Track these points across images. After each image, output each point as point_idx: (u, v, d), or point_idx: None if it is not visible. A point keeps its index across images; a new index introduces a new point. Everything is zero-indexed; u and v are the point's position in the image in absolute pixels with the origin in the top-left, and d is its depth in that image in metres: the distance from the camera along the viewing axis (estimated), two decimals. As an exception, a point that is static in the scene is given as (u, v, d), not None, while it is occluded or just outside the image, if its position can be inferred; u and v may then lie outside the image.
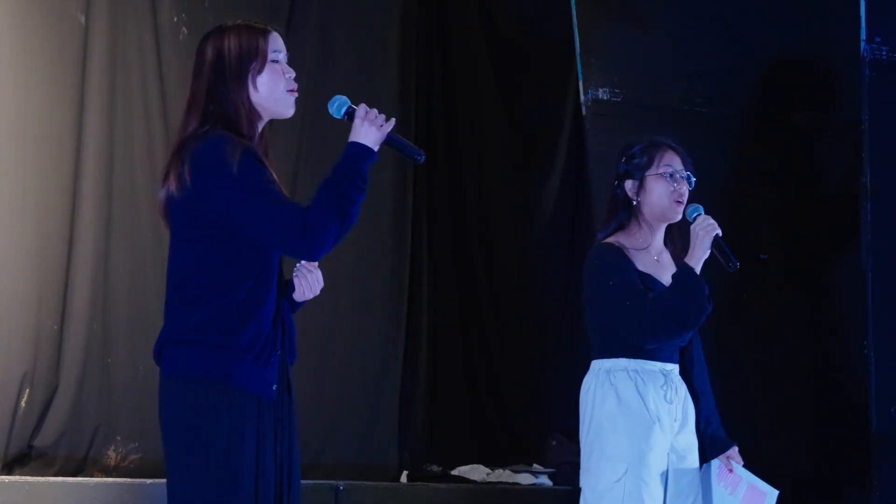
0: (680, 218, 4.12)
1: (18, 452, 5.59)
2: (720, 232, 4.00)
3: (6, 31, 5.69)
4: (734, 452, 4.19)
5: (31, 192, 5.74)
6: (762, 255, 5.85)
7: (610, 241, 4.13)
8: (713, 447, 4.15)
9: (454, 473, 6.72)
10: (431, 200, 7.14)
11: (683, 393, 4.11)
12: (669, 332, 3.99)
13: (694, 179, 4.17)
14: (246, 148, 3.23)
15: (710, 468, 4.13)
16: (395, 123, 3.34)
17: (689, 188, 4.16)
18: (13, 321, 5.62)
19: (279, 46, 3.38)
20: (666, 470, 4.03)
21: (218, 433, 3.20)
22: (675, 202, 4.12)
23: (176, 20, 6.19)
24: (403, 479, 6.60)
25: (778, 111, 5.87)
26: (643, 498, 3.96)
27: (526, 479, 6.68)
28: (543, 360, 7.28)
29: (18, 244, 5.67)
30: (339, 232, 3.22)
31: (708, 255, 4.02)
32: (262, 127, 3.38)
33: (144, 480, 5.47)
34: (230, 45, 3.36)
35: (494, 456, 6.94)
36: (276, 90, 3.34)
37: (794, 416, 5.77)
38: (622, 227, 4.16)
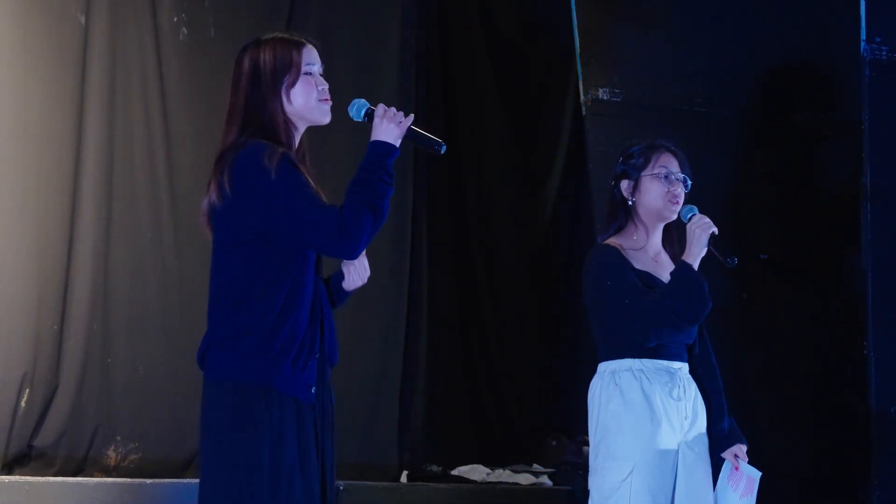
0: (675, 217, 4.13)
1: (18, 452, 5.59)
2: (717, 230, 4.02)
3: (6, 31, 5.69)
4: (741, 450, 4.18)
5: (31, 192, 5.74)
6: (762, 255, 5.84)
7: (607, 242, 4.16)
8: (721, 443, 4.15)
9: (454, 473, 6.73)
10: (431, 200, 7.14)
11: (693, 391, 4.11)
12: (671, 328, 4.01)
13: (690, 182, 4.18)
14: (283, 154, 3.34)
15: (723, 468, 4.14)
16: (413, 118, 3.46)
17: (685, 190, 4.17)
18: (13, 321, 5.62)
19: (313, 59, 3.48)
20: (675, 468, 4.03)
21: (260, 437, 3.30)
22: (669, 202, 4.13)
23: (176, 20, 6.19)
24: (403, 479, 6.60)
25: (778, 111, 5.87)
26: (650, 497, 3.96)
27: (526, 479, 6.68)
28: (543, 360, 7.29)
29: (18, 244, 5.67)
30: (372, 228, 3.34)
31: (705, 252, 4.03)
32: (299, 135, 3.49)
33: (144, 480, 5.48)
34: (266, 57, 3.45)
35: (494, 456, 6.94)
36: (309, 101, 3.45)
37: (794, 416, 5.77)
38: (620, 228, 4.19)
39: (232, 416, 3.32)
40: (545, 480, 6.63)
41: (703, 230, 4.02)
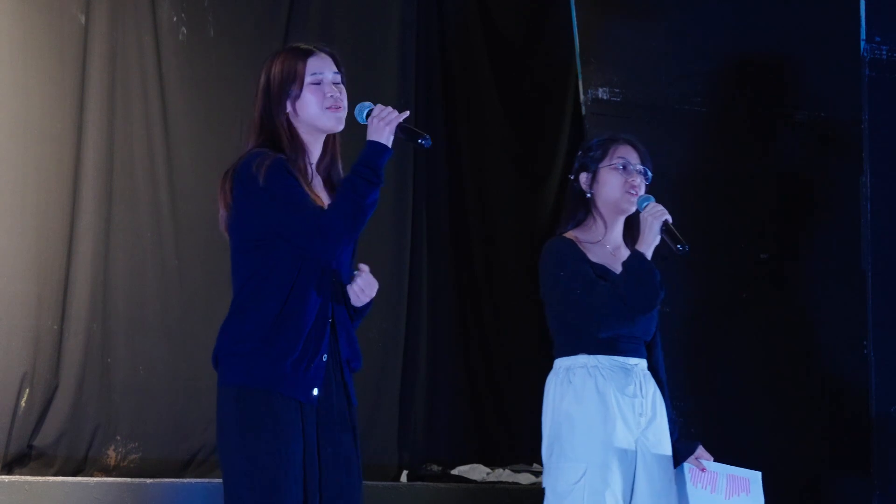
0: (634, 209, 4.07)
1: (18, 452, 5.59)
2: (670, 217, 3.97)
3: (6, 30, 5.69)
4: (701, 451, 4.11)
5: (31, 191, 5.74)
6: (762, 254, 5.84)
7: (564, 235, 4.11)
8: (677, 453, 4.08)
9: (454, 473, 6.73)
10: (431, 200, 7.14)
11: (652, 388, 4.05)
12: (622, 317, 3.95)
13: (651, 175, 4.13)
14: (274, 159, 3.41)
15: (682, 473, 4.07)
16: (408, 115, 3.48)
17: (645, 182, 4.10)
18: (13, 321, 5.62)
19: (320, 68, 3.53)
20: (634, 467, 3.96)
21: (263, 439, 3.36)
22: (627, 193, 4.07)
23: (175, 20, 6.19)
24: (403, 479, 6.60)
25: (778, 111, 5.87)
26: (605, 498, 3.88)
27: (526, 478, 6.68)
28: (543, 359, 7.28)
29: (18, 244, 5.67)
30: (350, 228, 3.41)
31: (658, 240, 3.99)
32: (318, 143, 3.56)
33: (144, 480, 5.48)
34: (275, 71, 3.54)
35: (494, 456, 6.94)
36: (314, 110, 3.51)
37: (793, 415, 5.77)
38: (580, 222, 4.14)
39: (237, 419, 3.39)
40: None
41: (655, 218, 3.97)
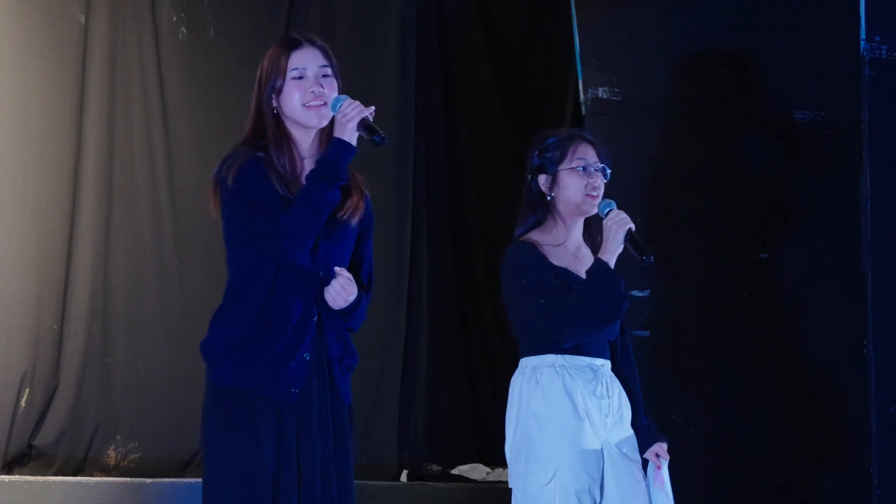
0: (595, 211, 4.03)
1: (18, 452, 5.59)
2: (633, 226, 3.95)
3: (6, 31, 5.69)
4: (661, 449, 4.07)
5: (31, 191, 5.74)
6: (762, 254, 5.84)
7: (524, 238, 4.06)
8: (641, 443, 4.04)
9: (454, 473, 6.73)
10: (431, 201, 7.15)
11: (617, 389, 4.02)
12: (587, 327, 3.92)
13: (610, 172, 4.08)
14: (245, 161, 3.42)
15: (648, 471, 4.06)
16: (373, 110, 3.45)
17: (604, 180, 4.05)
18: (13, 321, 5.62)
19: (302, 62, 3.50)
20: (602, 467, 3.94)
21: (236, 438, 3.35)
22: (588, 196, 4.03)
23: (175, 20, 6.19)
24: (403, 478, 6.61)
25: (778, 111, 5.87)
26: (576, 498, 3.86)
27: (526, 478, 6.67)
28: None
29: (18, 244, 5.67)
30: (307, 227, 3.37)
31: (622, 249, 3.96)
32: (307, 137, 3.53)
33: (144, 480, 5.48)
34: (263, 65, 3.54)
35: (494, 456, 6.94)
36: (295, 106, 3.49)
37: (793, 415, 5.76)
38: (539, 223, 4.10)
39: (212, 417, 3.40)
40: (545, 480, 6.63)
41: (619, 226, 3.93)
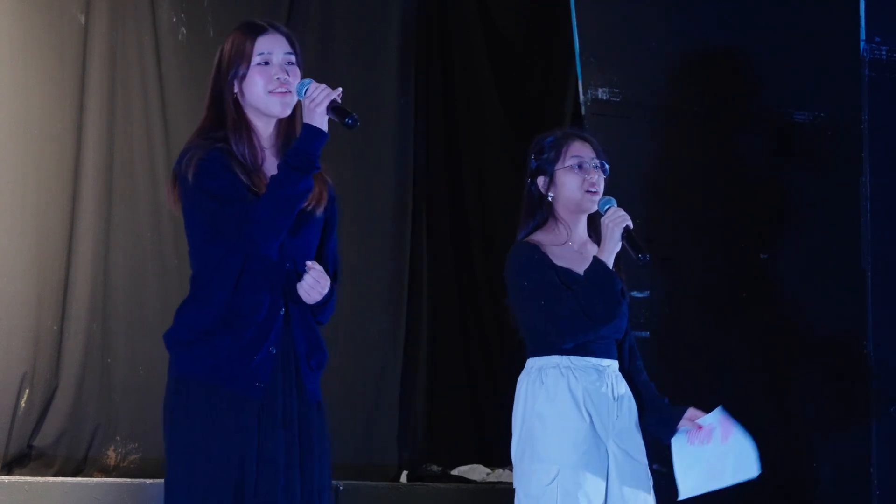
0: (596, 208, 4.01)
1: (18, 452, 5.59)
2: (631, 224, 3.93)
3: (6, 31, 5.69)
4: (691, 413, 4.03)
5: (31, 191, 5.74)
6: (762, 254, 5.84)
7: (528, 239, 4.06)
8: (670, 420, 4.01)
9: (454, 473, 6.73)
10: (431, 200, 7.15)
11: (624, 389, 4.01)
12: (585, 329, 3.91)
13: (608, 167, 4.07)
14: (205, 153, 3.34)
15: (680, 441, 4.02)
16: (340, 92, 3.33)
17: (603, 176, 4.04)
18: (13, 321, 5.62)
19: (267, 48, 3.41)
20: (606, 468, 3.93)
21: (196, 432, 3.29)
22: (586, 192, 4.01)
23: (175, 20, 6.19)
24: (403, 479, 6.60)
25: (778, 111, 5.87)
26: (578, 499, 3.85)
27: (526, 478, 6.67)
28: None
29: (18, 244, 5.67)
30: (279, 218, 3.28)
31: (619, 247, 3.94)
32: (268, 126, 3.44)
33: (144, 480, 5.48)
34: (226, 49, 3.44)
35: (494, 456, 6.94)
36: (258, 93, 3.39)
37: (793, 416, 5.77)
38: (541, 224, 4.09)
39: (174, 410, 3.35)
40: (545, 480, 6.63)
41: (616, 224, 3.91)
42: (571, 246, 4.06)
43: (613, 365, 4.03)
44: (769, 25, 5.86)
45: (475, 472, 6.71)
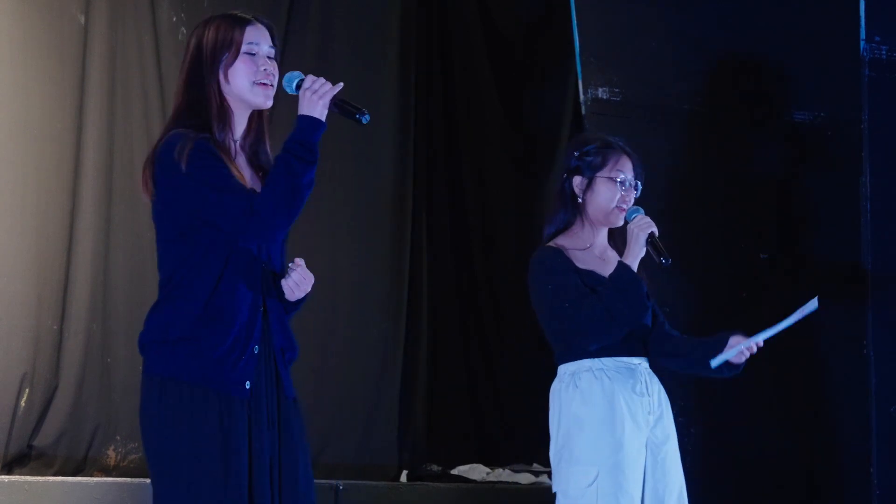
0: (621, 224, 4.07)
1: (18, 452, 5.59)
2: (656, 230, 3.97)
3: (6, 31, 5.69)
4: (735, 339, 4.12)
5: (31, 192, 5.74)
6: (762, 254, 5.84)
7: (551, 244, 4.08)
8: (717, 345, 4.08)
9: (454, 473, 6.73)
10: (431, 200, 7.15)
11: (657, 386, 4.05)
12: (610, 331, 3.94)
13: (641, 187, 4.11)
14: (196, 141, 3.25)
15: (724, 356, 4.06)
16: (342, 86, 3.29)
17: (635, 195, 4.10)
18: (13, 321, 5.62)
19: (256, 38, 3.36)
20: (644, 466, 3.96)
21: (179, 432, 3.24)
22: (618, 208, 4.06)
23: (175, 20, 6.19)
24: (403, 478, 6.61)
25: (778, 111, 5.87)
26: (619, 501, 3.87)
27: (526, 478, 6.68)
28: (543, 359, 7.28)
29: (18, 244, 5.67)
30: (288, 210, 3.21)
31: (644, 252, 3.97)
32: (244, 118, 3.39)
33: (144, 480, 5.47)
34: (208, 36, 3.35)
35: (494, 455, 6.94)
36: (244, 82, 3.33)
37: (793, 415, 5.77)
38: (568, 224, 4.12)
39: (156, 411, 3.27)
40: (545, 480, 6.63)
41: (641, 230, 3.95)
42: (594, 251, 4.10)
43: (644, 362, 4.07)
44: (769, 25, 5.85)
45: (475, 471, 6.72)
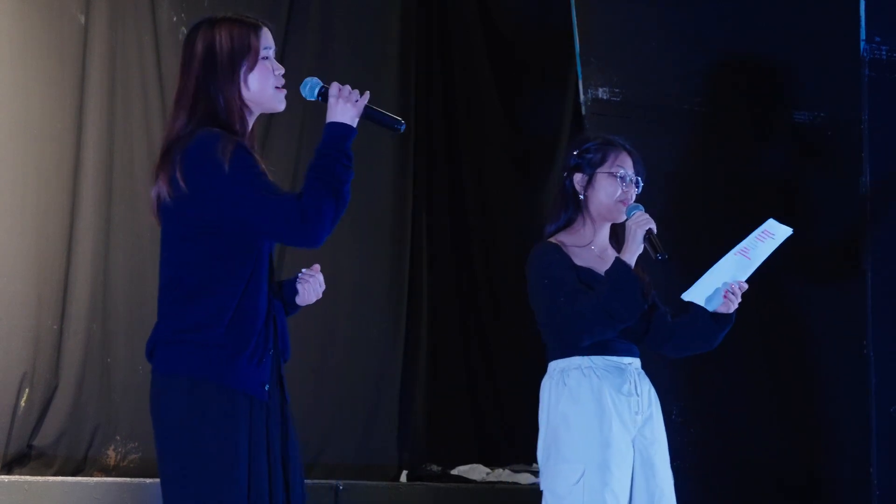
0: (624, 219, 4.06)
1: (18, 452, 5.59)
2: (654, 227, 3.96)
3: (6, 31, 5.69)
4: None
5: (31, 191, 5.74)
6: (762, 254, 5.84)
7: (550, 240, 4.09)
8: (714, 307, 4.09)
9: (454, 473, 6.73)
10: (431, 201, 7.15)
11: (647, 387, 4.06)
12: (604, 327, 3.94)
13: (642, 184, 4.12)
14: (237, 143, 3.22)
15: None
16: (370, 96, 3.31)
17: (636, 191, 4.11)
18: (13, 321, 5.62)
19: (269, 42, 3.35)
20: (632, 465, 3.96)
21: (211, 433, 3.21)
22: (619, 202, 4.07)
23: (175, 20, 6.19)
24: (403, 478, 6.61)
25: (777, 111, 5.87)
26: (605, 498, 3.87)
27: (526, 478, 6.68)
28: (543, 359, 7.28)
29: (18, 244, 5.67)
30: (335, 214, 3.20)
31: (642, 249, 3.97)
32: (252, 121, 3.37)
33: (144, 480, 5.48)
34: (222, 40, 3.31)
35: (494, 456, 6.94)
36: (266, 88, 3.32)
37: (793, 415, 5.77)
38: (569, 222, 4.12)
39: (185, 412, 3.24)
40: (545, 480, 6.63)
41: (639, 226, 3.95)
42: (593, 249, 4.11)
43: (635, 362, 4.08)
44: (769, 25, 5.86)
45: (475, 471, 6.72)
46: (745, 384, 5.73)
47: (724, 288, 4.12)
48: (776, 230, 4.10)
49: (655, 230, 3.98)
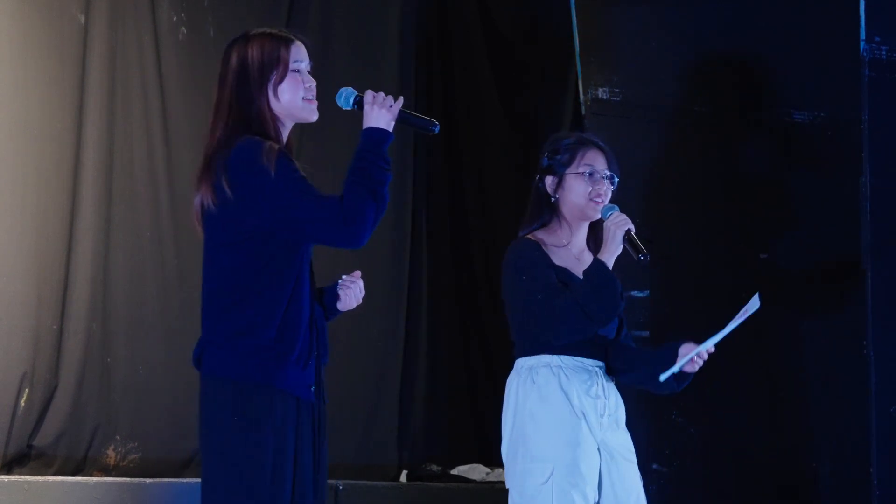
0: (598, 217, 4.06)
1: (18, 452, 5.59)
2: (633, 227, 3.96)
3: (6, 31, 5.69)
4: (686, 347, 4.01)
5: (31, 191, 5.74)
6: (762, 254, 5.84)
7: (529, 236, 4.08)
8: (670, 354, 4.00)
9: (454, 473, 6.73)
10: (431, 201, 7.15)
11: (613, 391, 4.04)
12: (581, 326, 3.92)
13: (617, 179, 4.11)
14: (279, 150, 3.32)
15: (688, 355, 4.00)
16: (403, 101, 3.45)
17: (611, 188, 4.09)
18: (13, 321, 5.62)
19: (301, 56, 3.48)
20: (599, 466, 3.94)
21: (262, 435, 3.29)
22: (591, 201, 4.05)
23: (175, 20, 6.19)
24: (403, 478, 6.61)
25: (777, 111, 5.87)
26: (574, 497, 3.85)
27: (526, 479, 6.67)
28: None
29: (18, 244, 5.67)
30: (375, 215, 3.31)
31: (621, 250, 3.97)
32: (287, 131, 3.48)
33: (144, 480, 5.48)
34: (253, 53, 3.44)
35: (494, 456, 6.93)
36: (295, 99, 3.43)
37: (793, 415, 5.77)
38: (544, 224, 4.11)
39: (235, 415, 3.31)
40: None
41: (617, 227, 3.94)
42: (571, 250, 4.09)
43: (602, 367, 4.05)
44: (769, 25, 5.86)
45: (475, 471, 6.72)
46: (744, 384, 5.73)
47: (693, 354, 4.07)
48: (754, 305, 4.09)
49: (634, 230, 3.97)
